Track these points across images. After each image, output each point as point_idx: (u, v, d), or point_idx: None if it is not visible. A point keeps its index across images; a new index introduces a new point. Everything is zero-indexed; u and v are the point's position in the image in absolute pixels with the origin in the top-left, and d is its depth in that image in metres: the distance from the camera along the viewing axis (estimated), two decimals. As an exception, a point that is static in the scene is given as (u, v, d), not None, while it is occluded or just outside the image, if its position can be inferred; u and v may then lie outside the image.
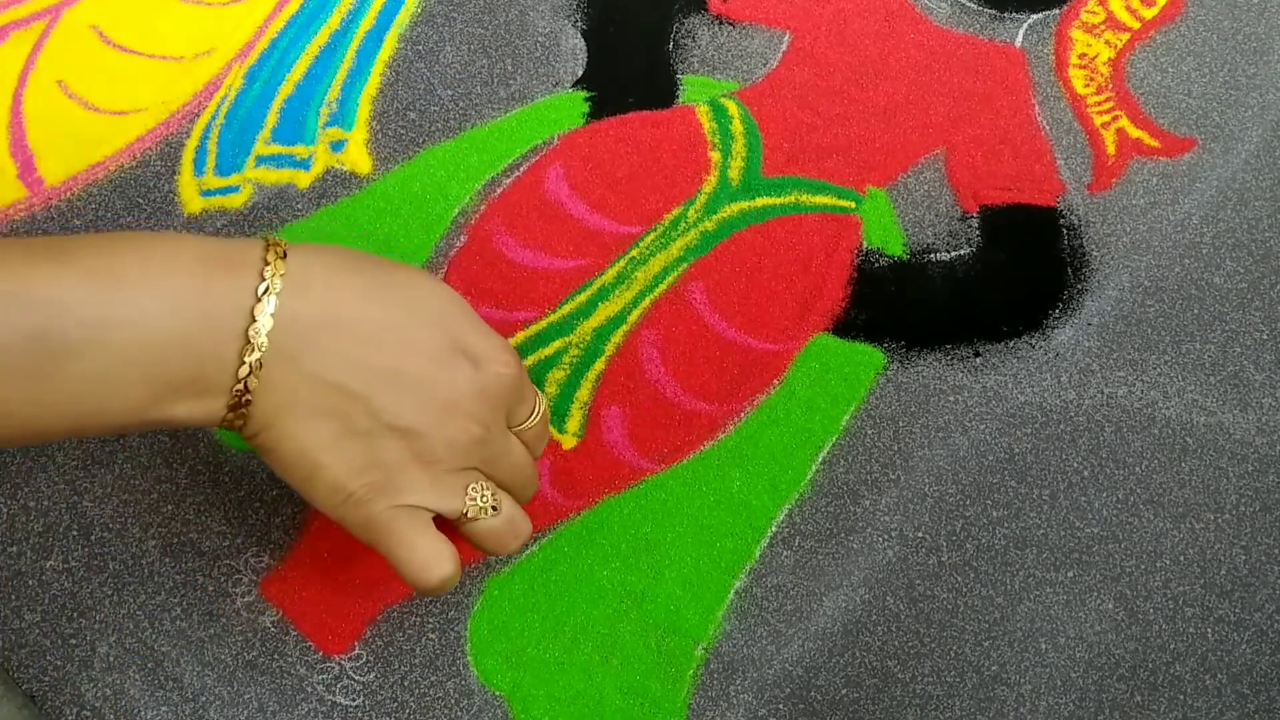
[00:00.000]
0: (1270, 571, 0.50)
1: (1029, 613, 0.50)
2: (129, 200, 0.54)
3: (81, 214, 0.54)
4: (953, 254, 0.55)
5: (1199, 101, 0.57)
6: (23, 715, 0.47)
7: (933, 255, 0.55)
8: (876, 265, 0.55)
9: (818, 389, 0.52)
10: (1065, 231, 0.55)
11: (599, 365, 0.52)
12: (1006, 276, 0.55)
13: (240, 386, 0.35)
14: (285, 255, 0.36)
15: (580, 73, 0.57)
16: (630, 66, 0.58)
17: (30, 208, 0.53)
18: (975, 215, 0.55)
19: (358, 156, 0.56)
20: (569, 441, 0.51)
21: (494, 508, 0.41)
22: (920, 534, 0.51)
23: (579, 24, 0.58)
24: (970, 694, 0.49)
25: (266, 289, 0.34)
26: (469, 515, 0.40)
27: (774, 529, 0.51)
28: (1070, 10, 0.59)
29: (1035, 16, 0.59)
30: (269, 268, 0.35)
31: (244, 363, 0.34)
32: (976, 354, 0.53)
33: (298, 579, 0.49)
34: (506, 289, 0.54)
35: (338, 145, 0.56)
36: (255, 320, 0.34)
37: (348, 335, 0.36)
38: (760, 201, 0.55)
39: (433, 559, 0.39)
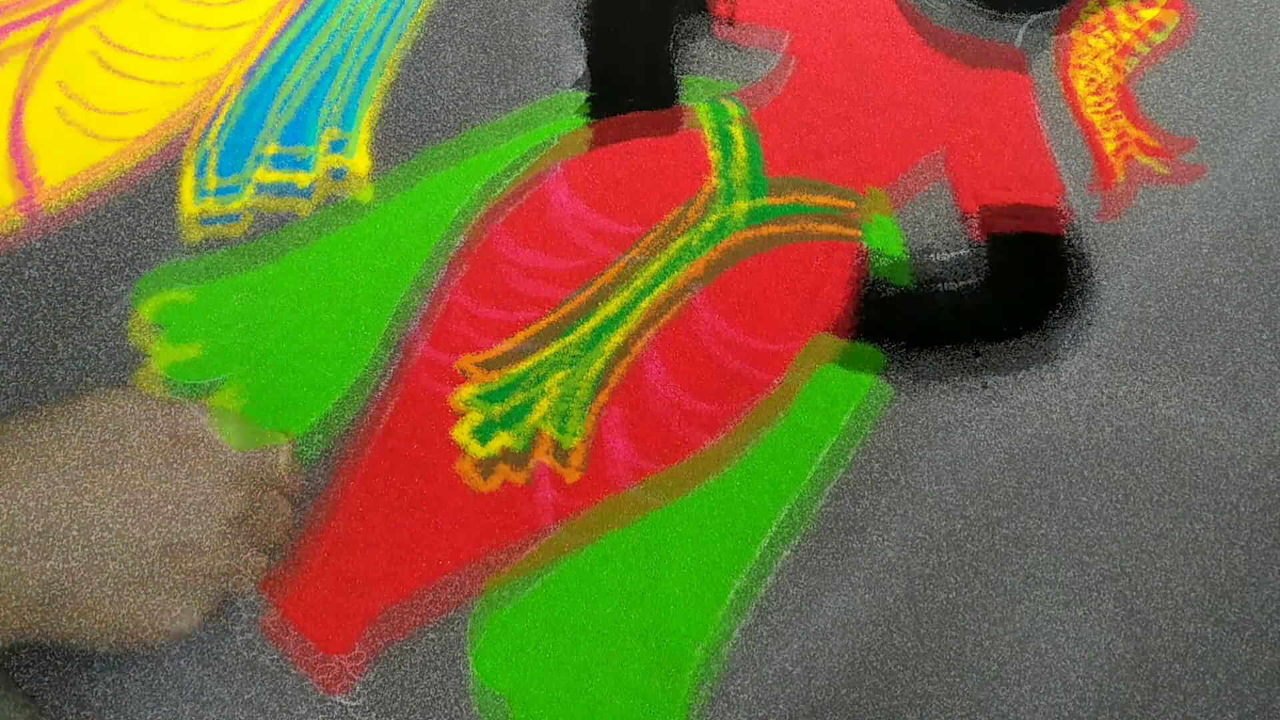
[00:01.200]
0: (1270, 571, 0.50)
1: (1029, 613, 0.50)
2: (129, 200, 0.54)
3: (82, 214, 0.54)
4: (952, 254, 0.55)
5: (1199, 101, 0.57)
6: (23, 715, 0.47)
7: (932, 255, 0.55)
8: (876, 266, 0.55)
9: (818, 389, 0.52)
10: (1065, 232, 0.55)
11: (599, 365, 0.52)
12: (1007, 277, 0.55)
13: None
14: None
15: (580, 73, 0.57)
16: (630, 66, 0.58)
17: (30, 208, 0.53)
18: (975, 215, 0.55)
19: (358, 156, 0.56)
20: (569, 442, 0.51)
21: None
22: (920, 534, 0.51)
23: (579, 24, 0.58)
24: (970, 694, 0.49)
25: None
26: None
27: (774, 529, 0.51)
28: (1070, 11, 0.59)
29: (1035, 17, 0.59)
30: None
31: None
32: (976, 354, 0.53)
33: (298, 579, 0.49)
34: (506, 289, 0.54)
35: (338, 145, 0.56)
36: None
37: None
38: (760, 202, 0.55)
39: None
